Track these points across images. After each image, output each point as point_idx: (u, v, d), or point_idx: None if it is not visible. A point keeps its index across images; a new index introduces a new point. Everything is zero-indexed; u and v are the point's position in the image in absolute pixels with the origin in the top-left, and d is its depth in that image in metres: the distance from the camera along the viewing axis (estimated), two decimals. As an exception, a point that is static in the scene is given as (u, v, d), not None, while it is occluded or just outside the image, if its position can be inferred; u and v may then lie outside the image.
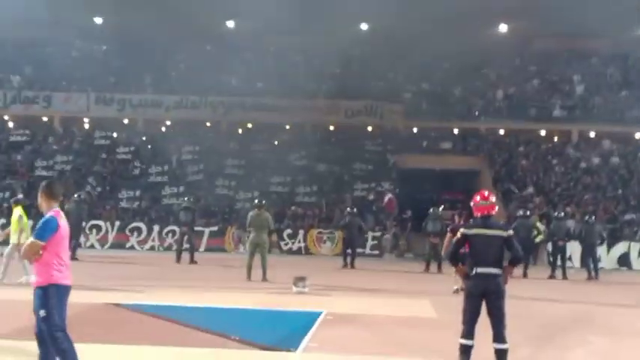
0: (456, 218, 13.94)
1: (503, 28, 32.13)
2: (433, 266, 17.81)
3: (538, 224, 20.49)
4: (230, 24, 31.97)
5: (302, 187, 27.36)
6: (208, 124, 30.74)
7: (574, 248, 20.41)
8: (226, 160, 28.02)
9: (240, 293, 12.15)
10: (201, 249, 22.39)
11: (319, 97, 30.58)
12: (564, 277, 17.68)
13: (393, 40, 30.11)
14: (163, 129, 30.57)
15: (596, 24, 26.27)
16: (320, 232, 24.37)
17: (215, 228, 24.18)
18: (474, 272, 6.43)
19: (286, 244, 24.10)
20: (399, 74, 32.19)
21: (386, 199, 25.63)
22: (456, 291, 11.78)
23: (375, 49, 30.93)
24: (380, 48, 30.79)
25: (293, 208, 25.87)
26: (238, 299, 11.28)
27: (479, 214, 6.67)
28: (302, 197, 27.11)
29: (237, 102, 29.87)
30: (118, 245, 23.66)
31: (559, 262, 18.12)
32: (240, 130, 30.42)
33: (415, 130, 30.70)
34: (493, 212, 6.70)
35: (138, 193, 26.66)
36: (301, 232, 24.46)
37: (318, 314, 9.50)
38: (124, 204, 26.30)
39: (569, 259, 20.28)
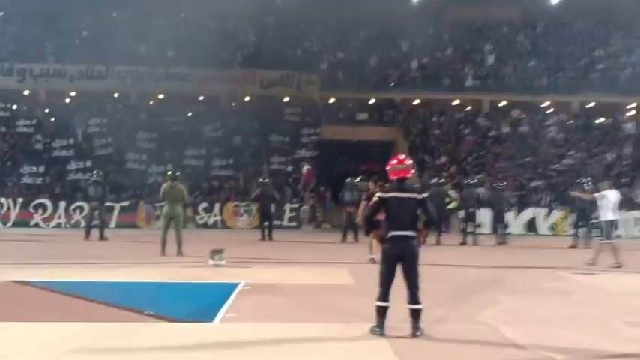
0: (371, 185, 14.02)
1: (417, -3, 32.52)
2: (350, 236, 17.96)
3: (451, 192, 21.04)
4: (139, -13, 30.78)
5: (217, 160, 26.91)
6: (116, 95, 29.57)
7: (484, 215, 21.11)
8: (137, 133, 27.10)
9: (154, 268, 11.78)
10: (112, 225, 21.67)
11: (234, 66, 29.99)
12: (475, 242, 18.24)
13: (309, 8, 29.84)
14: (67, 100, 29.17)
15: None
16: (236, 206, 24.11)
17: (126, 203, 23.50)
18: (389, 235, 6.44)
19: (202, 219, 23.71)
20: (315, 43, 32.04)
21: (303, 170, 25.60)
22: (372, 260, 11.88)
23: (291, 16, 30.57)
24: (296, 15, 30.46)
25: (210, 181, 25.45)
26: (152, 274, 10.93)
27: (394, 178, 6.65)
28: (218, 170, 26.69)
29: (147, 71, 28.82)
30: (22, 223, 22.68)
31: (470, 229, 18.70)
32: (150, 102, 29.47)
33: (332, 100, 30.72)
34: (409, 175, 6.70)
35: (42, 168, 25.50)
36: (217, 205, 24.10)
37: (235, 285, 9.33)
38: (26, 180, 25.08)
39: (480, 225, 20.95)
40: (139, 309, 7.53)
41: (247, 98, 30.02)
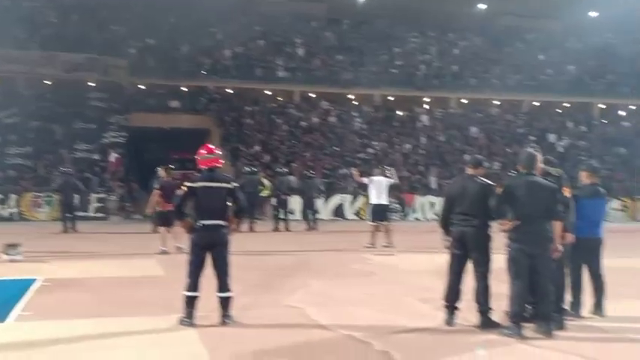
0: (162, 172, 13.85)
1: (229, -16, 32.33)
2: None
3: (264, 180, 21.33)
4: None
5: (14, 148, 24.74)
6: None
7: (295, 202, 21.75)
8: None
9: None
10: None
11: (33, 47, 27.73)
12: (287, 229, 18.74)
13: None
14: None
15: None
16: (36, 196, 22.37)
17: None
18: (199, 224, 6.39)
19: (-4, 211, 21.75)
20: (123, 27, 30.65)
21: (111, 158, 24.45)
22: (163, 252, 11.97)
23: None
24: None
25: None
26: None
27: (204, 167, 6.60)
28: (14, 159, 24.54)
29: None
30: None
31: (282, 216, 19.16)
32: None
33: (141, 87, 29.64)
34: (219, 164, 6.69)
35: None
36: (14, 196, 22.21)
37: (32, 281, 8.69)
38: None
39: (292, 212, 21.56)
40: None
41: (48, 82, 27.93)
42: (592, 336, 6.14)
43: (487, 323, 6.26)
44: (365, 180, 14.49)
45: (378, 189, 13.89)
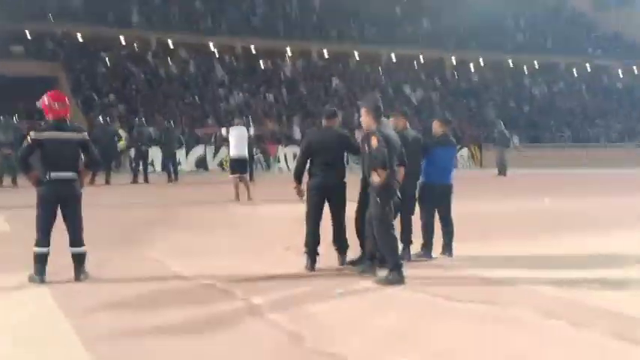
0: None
1: None
2: (7, 180, 16.36)
3: (120, 131, 20.43)
4: None
5: None
6: None
7: (155, 153, 21.10)
8: None
9: None
10: None
11: None
12: (146, 181, 18.17)
13: None
14: None
15: None
16: None
17: None
18: (47, 177, 5.99)
19: None
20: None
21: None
22: None
23: None
24: None
25: None
26: None
27: (51, 117, 6.15)
28: None
29: None
30: None
31: (142, 167, 18.51)
32: None
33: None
34: (67, 114, 6.27)
35: None
36: None
37: None
38: None
39: (152, 163, 20.91)
40: None
41: None
42: (441, 275, 6.54)
43: (346, 262, 6.69)
44: (223, 131, 14.10)
45: (238, 140, 13.54)
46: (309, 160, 6.73)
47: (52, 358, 4.03)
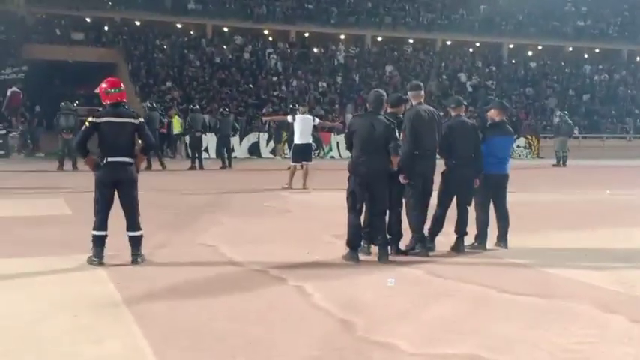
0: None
1: None
2: (67, 164, 16.85)
3: (176, 117, 20.77)
4: None
5: None
6: None
7: (210, 140, 21.36)
8: None
9: None
10: None
11: None
12: (201, 167, 18.40)
13: None
14: None
15: None
16: None
17: None
18: (104, 162, 6.13)
19: None
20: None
21: (9, 92, 23.04)
22: None
23: None
24: None
25: None
26: None
27: (108, 102, 6.28)
28: None
29: None
30: None
31: (197, 154, 18.74)
32: None
33: (42, 17, 27.87)
34: (124, 100, 6.39)
35: None
36: None
37: None
38: None
39: (206, 150, 21.18)
40: None
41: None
42: (495, 266, 6.42)
43: (395, 253, 6.71)
44: (289, 118, 14.08)
45: (303, 128, 13.52)
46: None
47: (109, 339, 4.13)
